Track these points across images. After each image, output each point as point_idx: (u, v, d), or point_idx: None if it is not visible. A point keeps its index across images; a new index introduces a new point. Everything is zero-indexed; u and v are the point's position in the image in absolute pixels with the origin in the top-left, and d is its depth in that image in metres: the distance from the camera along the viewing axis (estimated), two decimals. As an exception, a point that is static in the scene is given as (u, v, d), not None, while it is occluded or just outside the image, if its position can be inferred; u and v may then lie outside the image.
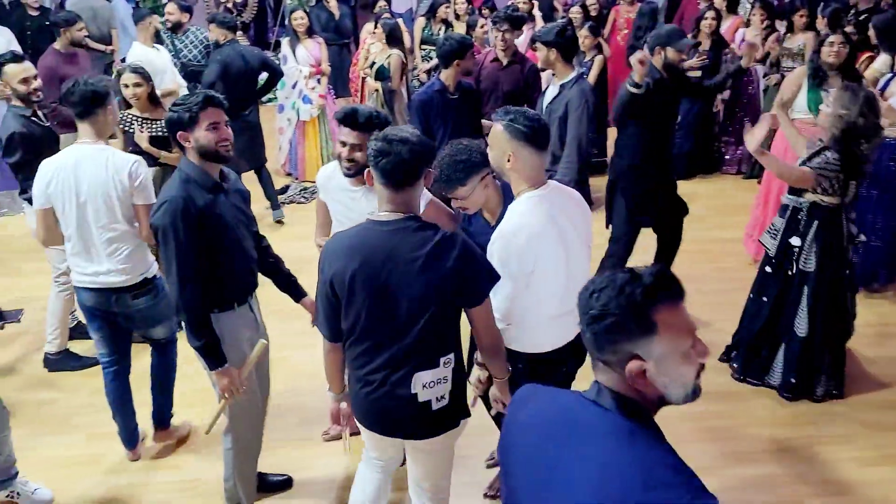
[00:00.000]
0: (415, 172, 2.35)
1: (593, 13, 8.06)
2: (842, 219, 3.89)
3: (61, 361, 4.47)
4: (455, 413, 2.56)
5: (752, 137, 3.74)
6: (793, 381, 4.08)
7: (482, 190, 2.84)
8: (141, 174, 3.35)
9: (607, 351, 1.43)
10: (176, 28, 6.62)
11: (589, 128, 4.40)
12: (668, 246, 4.82)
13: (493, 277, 2.47)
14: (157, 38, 6.16)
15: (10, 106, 4.19)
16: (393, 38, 6.82)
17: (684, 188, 7.35)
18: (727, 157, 7.77)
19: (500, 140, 2.61)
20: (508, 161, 2.60)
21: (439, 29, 8.11)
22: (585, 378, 1.71)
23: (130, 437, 3.69)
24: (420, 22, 8.37)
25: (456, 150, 2.81)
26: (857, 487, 3.49)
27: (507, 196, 2.89)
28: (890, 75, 5.11)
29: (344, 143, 3.04)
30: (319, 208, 3.44)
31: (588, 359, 1.56)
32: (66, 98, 3.41)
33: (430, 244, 2.33)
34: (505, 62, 5.28)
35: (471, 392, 2.80)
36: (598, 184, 6.00)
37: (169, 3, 6.72)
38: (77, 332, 4.67)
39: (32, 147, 3.99)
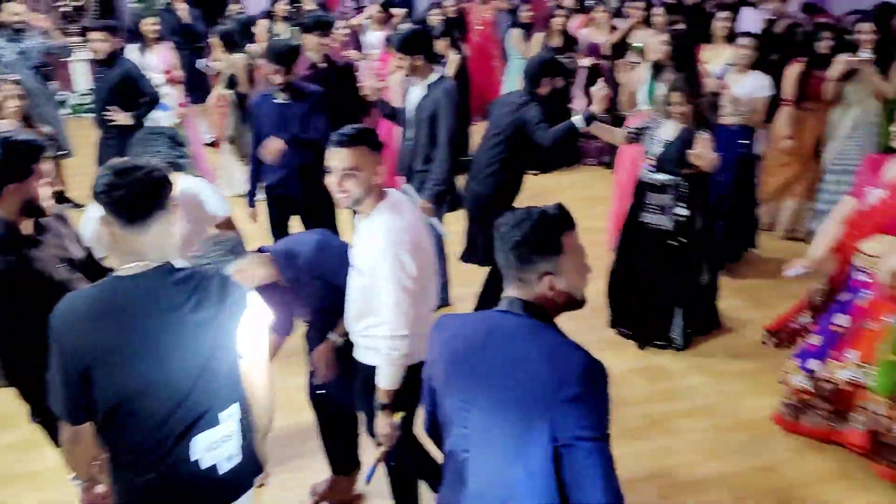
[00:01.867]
0: (160, 202, 1.97)
1: (453, 15, 8.53)
2: None
3: None
4: (249, 472, 2.21)
5: None
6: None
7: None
8: None
9: (526, 269, 1.78)
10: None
11: (457, 126, 4.42)
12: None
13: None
14: None
15: None
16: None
17: (548, 181, 7.69)
18: (588, 149, 8.14)
19: (369, 160, 2.52)
20: (376, 175, 2.55)
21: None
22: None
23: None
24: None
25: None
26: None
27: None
28: None
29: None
30: None
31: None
32: None
33: (190, 286, 2.01)
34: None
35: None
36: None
37: None
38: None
39: None
